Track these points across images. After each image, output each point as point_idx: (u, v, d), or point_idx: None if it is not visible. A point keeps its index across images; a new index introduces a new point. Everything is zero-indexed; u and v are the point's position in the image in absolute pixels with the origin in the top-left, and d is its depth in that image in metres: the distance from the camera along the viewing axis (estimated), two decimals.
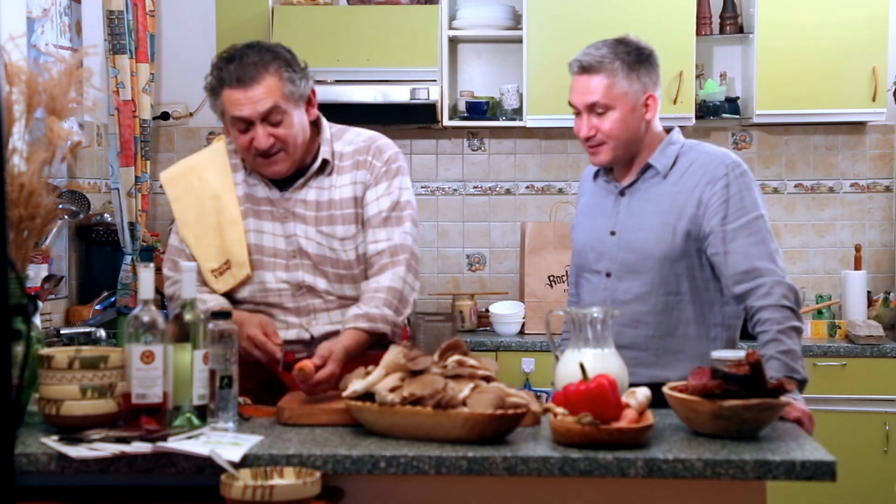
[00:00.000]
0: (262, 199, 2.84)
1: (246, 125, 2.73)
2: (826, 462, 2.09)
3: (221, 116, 2.79)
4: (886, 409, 4.50)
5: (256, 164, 2.78)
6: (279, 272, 2.81)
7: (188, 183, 2.88)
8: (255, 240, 2.82)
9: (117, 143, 4.67)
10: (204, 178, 2.87)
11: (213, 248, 2.82)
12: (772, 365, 2.54)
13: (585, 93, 2.76)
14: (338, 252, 2.80)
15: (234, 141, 2.79)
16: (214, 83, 2.75)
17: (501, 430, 2.21)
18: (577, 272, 2.95)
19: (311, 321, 2.82)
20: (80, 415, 2.25)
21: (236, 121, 2.73)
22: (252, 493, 1.97)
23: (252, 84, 2.70)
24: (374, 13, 4.88)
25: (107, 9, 4.62)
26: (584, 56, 2.77)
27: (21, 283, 2.16)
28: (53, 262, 4.29)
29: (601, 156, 2.80)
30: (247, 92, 2.70)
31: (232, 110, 2.72)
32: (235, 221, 2.82)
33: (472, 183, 5.24)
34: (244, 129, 2.73)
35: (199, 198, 2.85)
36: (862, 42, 4.74)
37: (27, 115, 2.40)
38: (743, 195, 2.73)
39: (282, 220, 2.82)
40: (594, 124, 2.76)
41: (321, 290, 2.81)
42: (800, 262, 5.14)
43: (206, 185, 2.86)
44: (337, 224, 2.81)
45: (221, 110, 2.76)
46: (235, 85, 2.71)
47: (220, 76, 2.74)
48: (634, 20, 4.57)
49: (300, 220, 2.82)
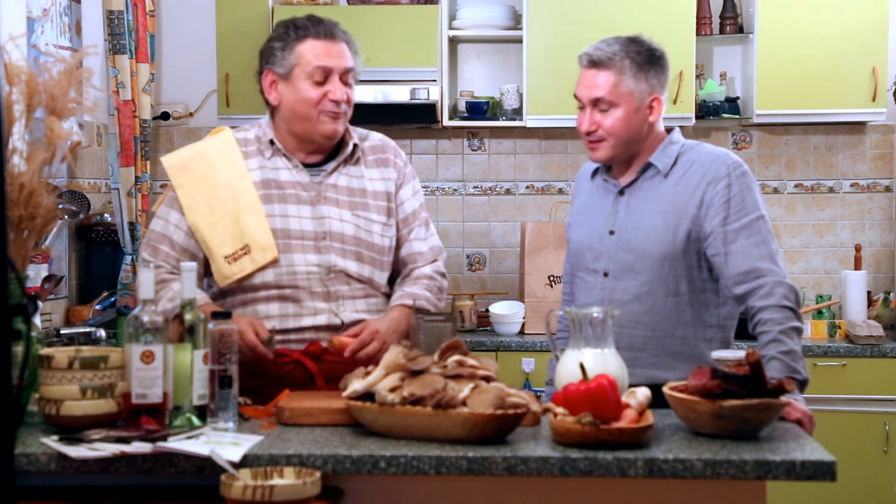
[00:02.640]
0: (286, 182, 2.84)
1: (324, 77, 2.79)
2: (826, 462, 2.09)
3: (284, 73, 2.80)
4: (886, 409, 4.50)
5: (319, 120, 2.80)
6: (309, 254, 2.80)
7: (197, 169, 2.86)
8: (280, 224, 2.80)
9: (117, 143, 4.67)
10: (214, 164, 2.85)
11: (229, 234, 2.79)
12: (773, 365, 2.54)
13: (591, 87, 2.75)
14: (374, 235, 2.85)
15: (300, 96, 2.79)
16: (295, 34, 2.81)
17: (501, 430, 2.21)
18: (573, 271, 2.93)
19: (339, 307, 2.81)
20: (80, 415, 2.25)
21: (317, 70, 2.78)
22: (252, 493, 1.97)
23: (338, 41, 2.82)
24: (374, 13, 4.88)
25: (107, 9, 4.62)
26: (595, 50, 2.76)
27: (21, 283, 2.16)
28: (53, 262, 4.29)
29: (599, 152, 2.79)
30: (334, 45, 2.81)
31: (316, 59, 2.78)
32: (254, 207, 2.80)
33: (472, 183, 5.24)
34: (320, 82, 2.79)
35: (210, 184, 2.83)
36: (862, 42, 4.74)
37: (27, 115, 2.40)
38: (744, 196, 2.73)
39: (311, 202, 2.83)
40: (596, 120, 2.76)
41: (351, 275, 2.81)
42: (800, 262, 5.14)
43: (218, 171, 2.84)
44: (372, 211, 2.87)
45: (293, 64, 2.79)
46: (323, 37, 2.80)
47: (307, 29, 2.80)
48: (634, 20, 4.57)
49: (332, 203, 2.84)
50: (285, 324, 2.78)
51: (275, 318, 2.78)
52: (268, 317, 2.78)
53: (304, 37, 2.80)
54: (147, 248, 2.85)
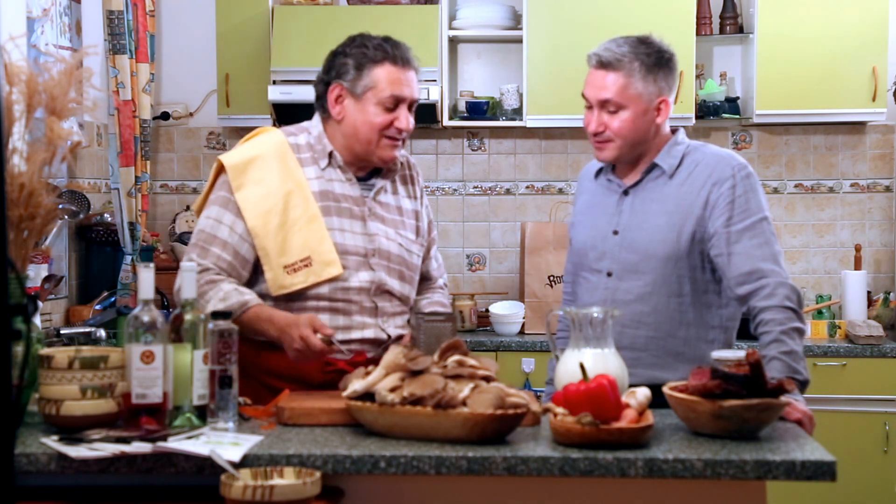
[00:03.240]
0: (341, 195, 2.82)
1: (395, 105, 2.77)
2: (826, 462, 2.09)
3: (357, 93, 2.76)
4: (886, 409, 4.50)
5: (381, 145, 2.78)
6: (362, 272, 2.79)
7: (256, 173, 2.78)
8: (339, 239, 2.78)
9: (117, 143, 4.67)
10: (274, 170, 2.78)
11: (291, 244, 2.74)
12: (773, 366, 2.54)
13: (600, 88, 2.74)
14: (412, 255, 2.89)
15: (367, 119, 2.76)
16: (374, 56, 2.77)
17: (501, 430, 2.21)
18: (575, 271, 2.93)
19: (384, 322, 2.81)
20: (80, 415, 2.25)
21: (390, 98, 2.76)
22: (252, 493, 1.96)
23: (412, 69, 2.80)
24: (374, 13, 4.88)
25: (107, 9, 4.62)
26: (605, 52, 2.74)
27: (21, 283, 2.16)
28: (53, 262, 4.29)
29: (606, 152, 2.79)
30: (407, 73, 2.79)
31: (393, 87, 2.76)
32: (316, 218, 2.76)
33: (472, 183, 5.24)
34: (391, 109, 2.77)
35: (271, 190, 2.76)
36: (862, 42, 4.74)
37: (27, 115, 2.40)
38: (748, 197, 2.73)
39: (362, 218, 2.82)
40: (604, 121, 2.75)
41: (395, 292, 2.83)
42: (800, 262, 5.14)
43: (277, 177, 2.77)
44: (408, 230, 2.90)
45: (368, 86, 2.76)
46: (400, 64, 2.77)
47: (385, 53, 2.77)
48: (634, 20, 4.57)
49: (379, 219, 2.85)
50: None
51: None
52: None
53: (382, 60, 2.76)
54: (195, 249, 2.76)
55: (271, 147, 2.81)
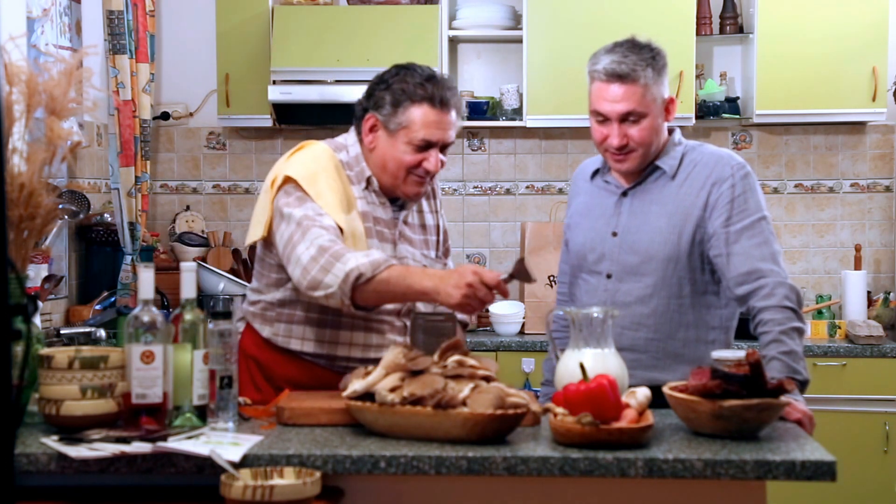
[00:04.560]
0: (379, 219, 2.80)
1: (426, 146, 2.72)
2: (826, 462, 2.09)
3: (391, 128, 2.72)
4: (886, 409, 4.50)
5: (407, 182, 2.75)
6: None
7: (323, 184, 2.71)
8: None
9: (117, 143, 4.67)
10: (335, 183, 2.73)
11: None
12: (773, 366, 2.53)
13: (620, 101, 2.70)
14: None
15: (397, 155, 2.72)
16: (414, 94, 2.70)
17: (501, 430, 2.21)
18: (574, 272, 2.92)
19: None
20: (80, 415, 2.25)
21: (422, 141, 2.71)
22: (252, 493, 1.97)
23: (449, 110, 2.73)
24: (374, 13, 4.88)
25: (107, 9, 4.62)
26: (616, 65, 2.69)
27: (21, 283, 2.16)
28: (53, 262, 4.29)
29: (629, 163, 2.76)
30: (444, 116, 2.72)
31: (425, 130, 2.71)
32: (362, 237, 2.74)
33: (472, 183, 5.24)
34: (422, 149, 2.72)
35: (339, 200, 2.71)
36: (862, 42, 4.74)
37: (27, 115, 2.40)
38: (747, 197, 2.72)
39: (393, 241, 2.82)
40: (626, 132, 2.72)
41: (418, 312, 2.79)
42: (800, 262, 5.14)
43: (338, 192, 2.73)
44: (431, 248, 2.90)
45: (403, 124, 2.71)
46: (438, 106, 2.71)
47: (425, 92, 2.70)
48: (634, 20, 4.57)
49: (408, 242, 2.85)
50: (367, 353, 2.76)
51: (358, 346, 2.78)
52: (351, 343, 2.77)
53: (420, 100, 2.70)
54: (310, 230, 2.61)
55: (329, 161, 2.76)
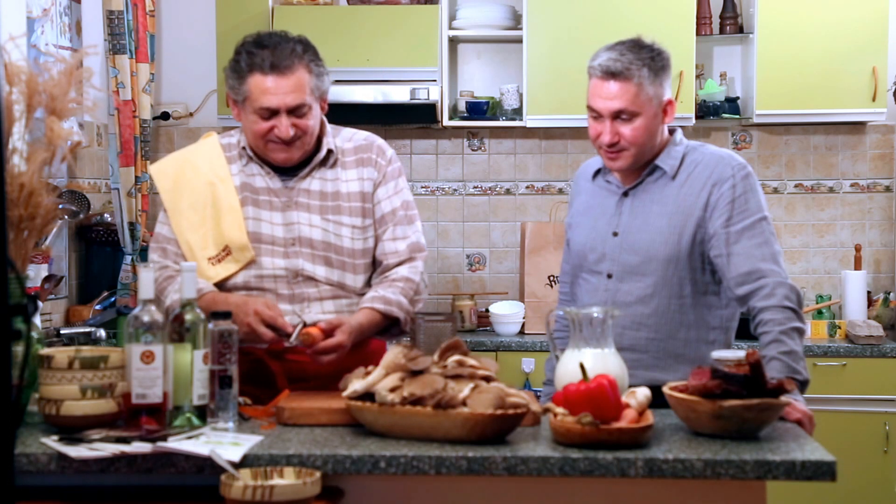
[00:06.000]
0: (260, 188, 2.86)
1: (270, 113, 2.75)
2: (826, 462, 2.09)
3: (239, 101, 2.79)
4: (886, 409, 4.50)
5: (269, 149, 2.80)
6: (277, 259, 2.82)
7: (181, 174, 2.90)
8: (252, 227, 2.83)
9: (117, 143, 4.67)
10: (198, 168, 2.89)
11: (211, 237, 2.83)
12: (773, 366, 2.53)
13: (612, 99, 2.70)
14: (343, 239, 2.84)
15: (249, 125, 2.79)
16: (244, 67, 2.76)
17: (501, 430, 2.21)
18: (574, 272, 2.92)
19: (304, 309, 2.83)
20: (80, 415, 2.25)
21: (262, 110, 2.75)
22: (252, 493, 1.97)
23: (286, 73, 2.73)
24: (374, 13, 4.88)
25: (107, 9, 4.62)
26: (610, 61, 2.71)
27: (21, 283, 2.16)
28: (53, 262, 4.29)
29: (620, 161, 2.77)
30: (278, 81, 2.73)
31: (260, 99, 2.74)
32: (234, 209, 2.83)
33: (472, 183, 5.24)
34: (267, 117, 2.76)
35: (193, 188, 2.87)
36: (862, 42, 4.74)
37: (27, 115, 2.40)
38: (747, 197, 2.73)
39: (282, 209, 2.85)
40: (618, 130, 2.72)
41: (319, 279, 2.83)
42: (800, 262, 5.14)
43: (200, 175, 2.88)
44: (344, 214, 2.86)
45: (244, 95, 2.77)
46: (268, 71, 2.73)
47: (252, 61, 2.74)
48: (634, 20, 4.57)
49: (303, 208, 2.85)
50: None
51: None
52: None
53: (251, 69, 2.74)
54: (157, 251, 2.89)
55: (201, 149, 2.93)
